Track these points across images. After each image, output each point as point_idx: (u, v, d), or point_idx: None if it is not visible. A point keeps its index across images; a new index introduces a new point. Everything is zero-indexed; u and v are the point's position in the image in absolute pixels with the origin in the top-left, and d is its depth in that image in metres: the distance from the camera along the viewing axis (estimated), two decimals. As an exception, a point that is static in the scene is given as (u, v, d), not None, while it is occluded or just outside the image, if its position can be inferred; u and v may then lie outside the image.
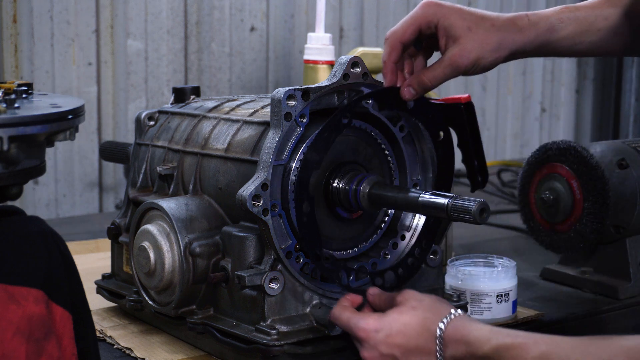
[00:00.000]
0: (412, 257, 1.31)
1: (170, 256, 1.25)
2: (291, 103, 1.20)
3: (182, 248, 1.24)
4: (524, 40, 1.27)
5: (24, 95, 1.06)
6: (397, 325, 1.16)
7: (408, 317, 1.16)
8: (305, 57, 1.95)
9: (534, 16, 1.29)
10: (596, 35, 1.32)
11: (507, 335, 1.09)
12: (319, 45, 1.94)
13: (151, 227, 1.27)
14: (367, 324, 1.17)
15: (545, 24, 1.29)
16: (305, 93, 1.21)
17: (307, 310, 1.24)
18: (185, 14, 2.42)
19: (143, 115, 1.45)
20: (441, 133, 1.32)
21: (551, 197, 1.57)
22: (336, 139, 1.25)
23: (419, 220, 1.34)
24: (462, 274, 1.40)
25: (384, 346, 1.16)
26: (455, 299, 1.33)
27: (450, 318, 1.14)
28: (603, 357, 0.99)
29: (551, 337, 1.06)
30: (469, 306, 1.41)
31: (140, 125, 1.45)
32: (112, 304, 1.47)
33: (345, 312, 1.20)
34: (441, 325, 1.13)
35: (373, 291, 1.24)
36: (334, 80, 1.24)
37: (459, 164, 1.42)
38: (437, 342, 1.13)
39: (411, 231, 1.34)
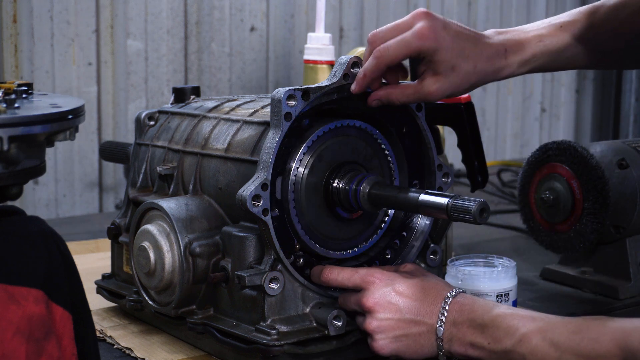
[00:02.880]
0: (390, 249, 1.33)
1: (170, 256, 1.25)
2: (291, 103, 1.20)
3: (182, 248, 1.24)
4: (496, 79, 1.32)
5: (24, 95, 1.06)
6: (409, 282, 1.21)
7: (420, 279, 1.22)
8: (305, 57, 1.95)
9: (512, 53, 1.31)
10: (564, 62, 1.38)
11: (508, 308, 1.16)
12: (319, 45, 1.94)
13: (151, 227, 1.27)
14: (382, 272, 1.23)
15: (520, 61, 1.32)
16: (305, 93, 1.21)
17: (307, 310, 1.24)
18: (185, 14, 2.42)
19: (143, 115, 1.46)
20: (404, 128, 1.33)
21: (551, 197, 1.57)
22: (336, 140, 1.26)
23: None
24: (462, 274, 1.39)
25: (393, 295, 1.20)
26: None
27: (459, 291, 1.21)
28: (592, 336, 1.05)
29: (548, 315, 1.13)
30: (469, 306, 1.41)
31: (140, 125, 1.46)
32: (112, 304, 1.47)
33: (348, 268, 1.24)
34: (451, 292, 1.20)
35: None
36: (334, 80, 1.24)
37: (459, 164, 1.42)
38: (442, 305, 1.18)
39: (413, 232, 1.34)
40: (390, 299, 1.20)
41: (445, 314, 1.18)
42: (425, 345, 1.19)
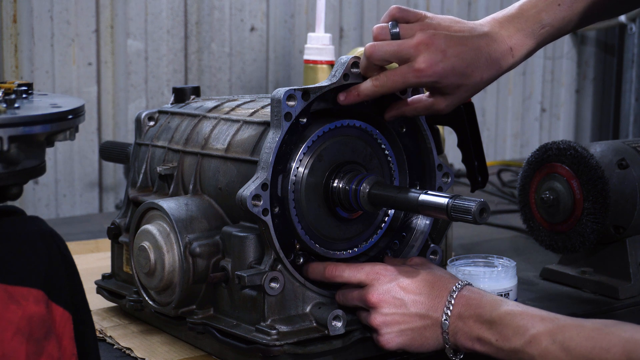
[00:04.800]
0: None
1: (170, 256, 1.25)
2: (291, 103, 1.20)
3: (182, 248, 1.24)
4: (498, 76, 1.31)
5: (24, 95, 1.06)
6: (414, 276, 1.22)
7: (425, 273, 1.23)
8: (305, 57, 1.95)
9: (518, 49, 1.29)
10: (565, 33, 1.36)
11: (517, 306, 1.16)
12: (319, 45, 1.94)
13: (151, 227, 1.27)
14: (386, 267, 1.23)
15: (526, 53, 1.31)
16: (305, 93, 1.21)
17: (307, 310, 1.24)
18: (185, 14, 2.42)
19: (143, 115, 1.46)
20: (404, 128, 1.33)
21: (551, 197, 1.57)
22: (336, 140, 1.26)
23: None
24: (462, 274, 1.40)
25: (398, 290, 1.21)
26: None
27: (465, 284, 1.21)
28: (604, 345, 1.05)
29: (557, 316, 1.13)
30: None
31: (140, 125, 1.46)
32: (112, 304, 1.47)
33: (352, 264, 1.24)
34: (457, 285, 1.20)
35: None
36: (334, 80, 1.24)
37: (459, 164, 1.42)
38: (448, 299, 1.19)
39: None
40: (394, 294, 1.20)
41: (451, 308, 1.18)
42: (430, 338, 1.20)
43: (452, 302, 1.18)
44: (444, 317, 1.18)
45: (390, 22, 1.24)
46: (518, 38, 1.29)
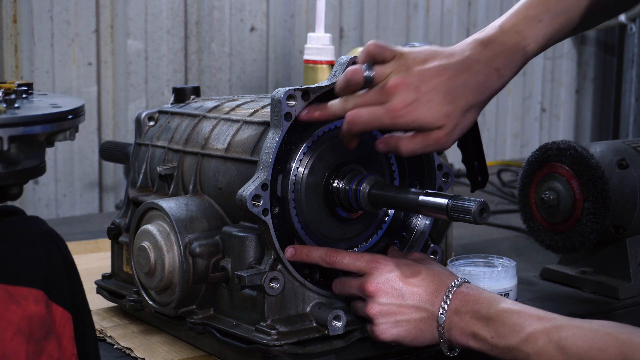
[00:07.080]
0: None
1: (170, 256, 1.25)
2: (291, 103, 1.20)
3: (182, 248, 1.24)
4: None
5: (24, 95, 1.06)
6: (414, 269, 1.22)
7: (425, 268, 1.23)
8: (305, 57, 1.95)
9: (505, 69, 1.20)
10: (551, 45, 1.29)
11: (515, 304, 1.16)
12: (319, 45, 1.94)
13: (151, 227, 1.27)
14: (387, 258, 1.23)
15: (514, 73, 1.22)
16: (305, 93, 1.21)
17: (307, 310, 1.24)
18: (185, 14, 2.42)
19: (143, 115, 1.46)
20: None
21: (551, 197, 1.57)
22: (336, 140, 1.26)
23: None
24: (462, 274, 1.40)
25: (397, 281, 1.20)
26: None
27: (464, 281, 1.21)
28: (601, 346, 1.06)
29: (555, 315, 1.13)
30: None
31: (140, 125, 1.46)
32: (112, 304, 1.47)
33: (352, 252, 1.24)
34: (456, 281, 1.20)
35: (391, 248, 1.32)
36: (334, 80, 1.24)
37: (459, 164, 1.41)
38: (446, 294, 1.19)
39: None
40: (393, 284, 1.20)
41: (448, 302, 1.18)
42: (425, 331, 1.19)
43: (450, 296, 1.18)
44: (441, 311, 1.18)
45: (365, 64, 1.18)
46: (502, 59, 1.20)
